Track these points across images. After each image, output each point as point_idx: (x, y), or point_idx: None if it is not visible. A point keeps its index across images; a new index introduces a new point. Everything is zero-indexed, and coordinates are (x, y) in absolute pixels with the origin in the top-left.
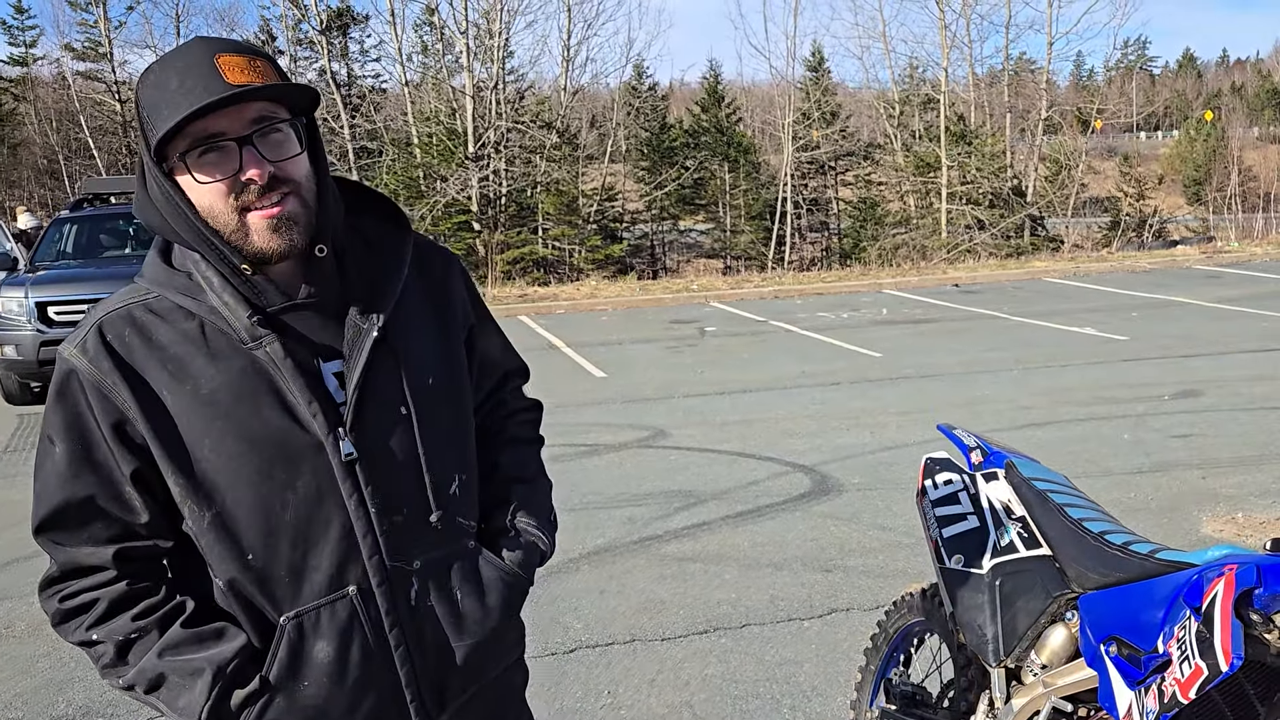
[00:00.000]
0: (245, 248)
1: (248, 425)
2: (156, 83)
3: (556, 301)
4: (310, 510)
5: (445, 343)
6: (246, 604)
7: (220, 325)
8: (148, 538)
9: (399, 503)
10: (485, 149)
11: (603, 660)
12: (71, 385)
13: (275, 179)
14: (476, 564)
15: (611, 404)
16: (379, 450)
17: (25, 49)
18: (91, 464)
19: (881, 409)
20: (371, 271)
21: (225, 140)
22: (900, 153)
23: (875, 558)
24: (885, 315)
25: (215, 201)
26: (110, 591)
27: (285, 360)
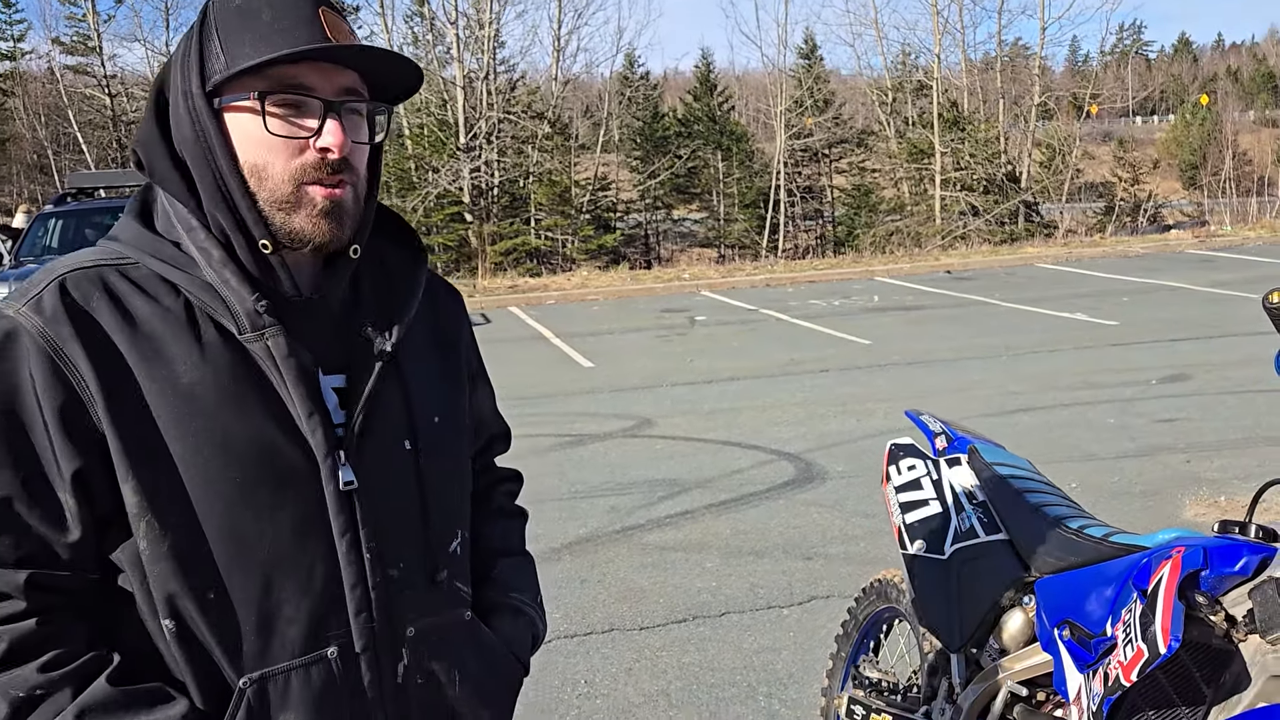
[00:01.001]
0: (283, 223)
1: (232, 430)
2: (243, 8)
3: (547, 292)
4: (293, 545)
5: (451, 386)
6: (197, 654)
7: (212, 307)
8: (71, 564)
9: (396, 553)
10: (477, 140)
11: (581, 650)
12: (12, 351)
13: (345, 161)
14: (476, 642)
15: (598, 394)
16: (380, 485)
17: (13, 43)
18: (19, 455)
19: (869, 396)
20: (385, 291)
21: (311, 97)
22: (893, 140)
23: (857, 545)
24: (877, 302)
25: (273, 159)
26: (13, 630)
27: (288, 360)
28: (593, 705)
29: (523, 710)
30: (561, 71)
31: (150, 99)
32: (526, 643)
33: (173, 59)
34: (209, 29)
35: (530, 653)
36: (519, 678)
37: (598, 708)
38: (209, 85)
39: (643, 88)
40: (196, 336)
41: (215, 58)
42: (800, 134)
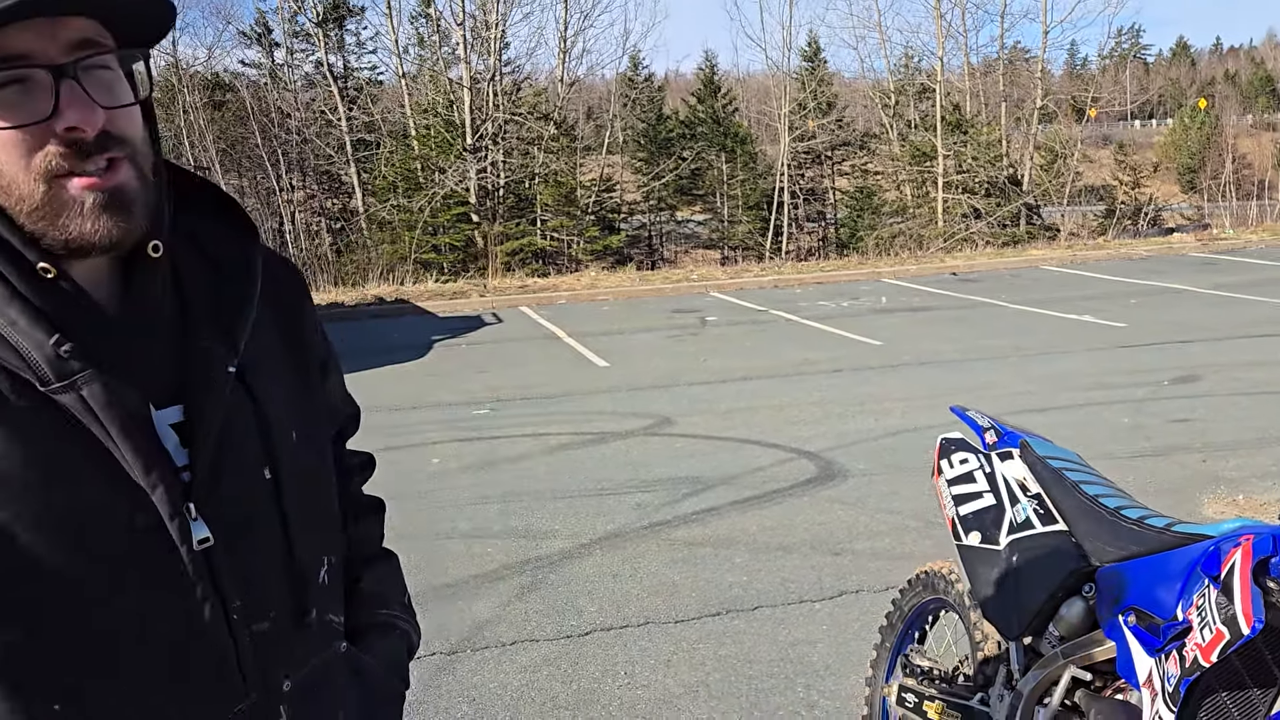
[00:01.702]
0: (51, 233)
1: (53, 511)
2: None
3: (557, 292)
4: (147, 629)
5: (304, 388)
6: None
7: (5, 360)
8: None
9: (264, 603)
10: (483, 141)
11: (618, 641)
12: None
13: (107, 134)
14: (354, 672)
15: (616, 392)
16: (240, 532)
17: None
18: None
19: (884, 395)
20: (214, 289)
21: (32, 66)
22: (896, 142)
23: (883, 540)
24: (884, 304)
25: (10, 160)
26: None
27: (109, 409)
28: (635, 695)
29: (567, 698)
30: (567, 73)
31: None
32: (403, 659)
33: None
34: None
35: (407, 665)
36: (401, 695)
37: (640, 697)
38: None
39: (647, 89)
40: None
41: None
42: (803, 136)
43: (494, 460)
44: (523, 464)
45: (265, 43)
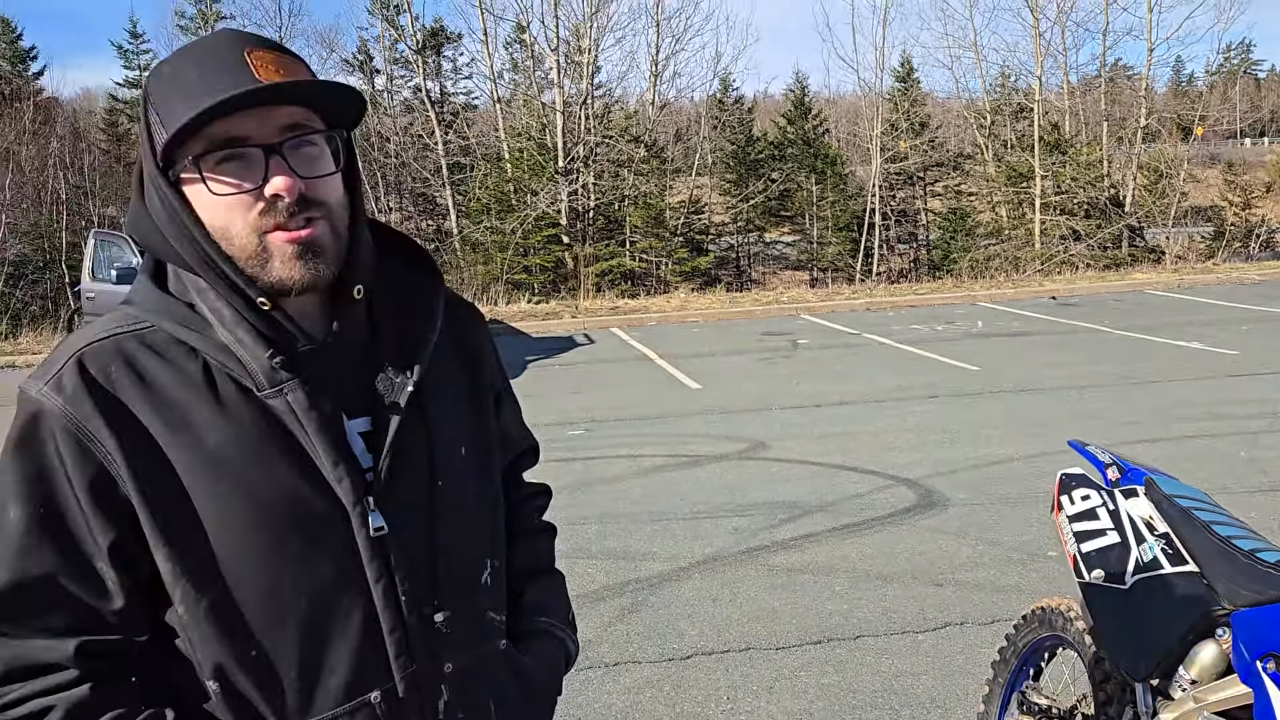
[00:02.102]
0: (262, 277)
1: (261, 489)
2: (172, 75)
3: (647, 314)
4: (329, 596)
5: (476, 412)
6: (243, 711)
7: (229, 367)
8: (118, 629)
9: (430, 592)
10: (574, 163)
11: (720, 666)
12: (39, 432)
13: (305, 198)
14: (512, 671)
15: (709, 415)
16: (410, 527)
17: (139, 72)
18: (57, 533)
19: (983, 423)
20: (403, 322)
21: (250, 147)
22: (991, 163)
23: (987, 572)
24: (980, 328)
25: (232, 219)
26: (70, 697)
27: (309, 412)
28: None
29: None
30: (658, 96)
31: (134, 181)
32: (560, 666)
33: None
34: (150, 102)
35: (563, 674)
36: (554, 701)
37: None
38: (160, 161)
39: (736, 111)
40: (217, 398)
41: (159, 129)
42: (895, 157)
43: (590, 481)
44: (618, 485)
45: (366, 70)
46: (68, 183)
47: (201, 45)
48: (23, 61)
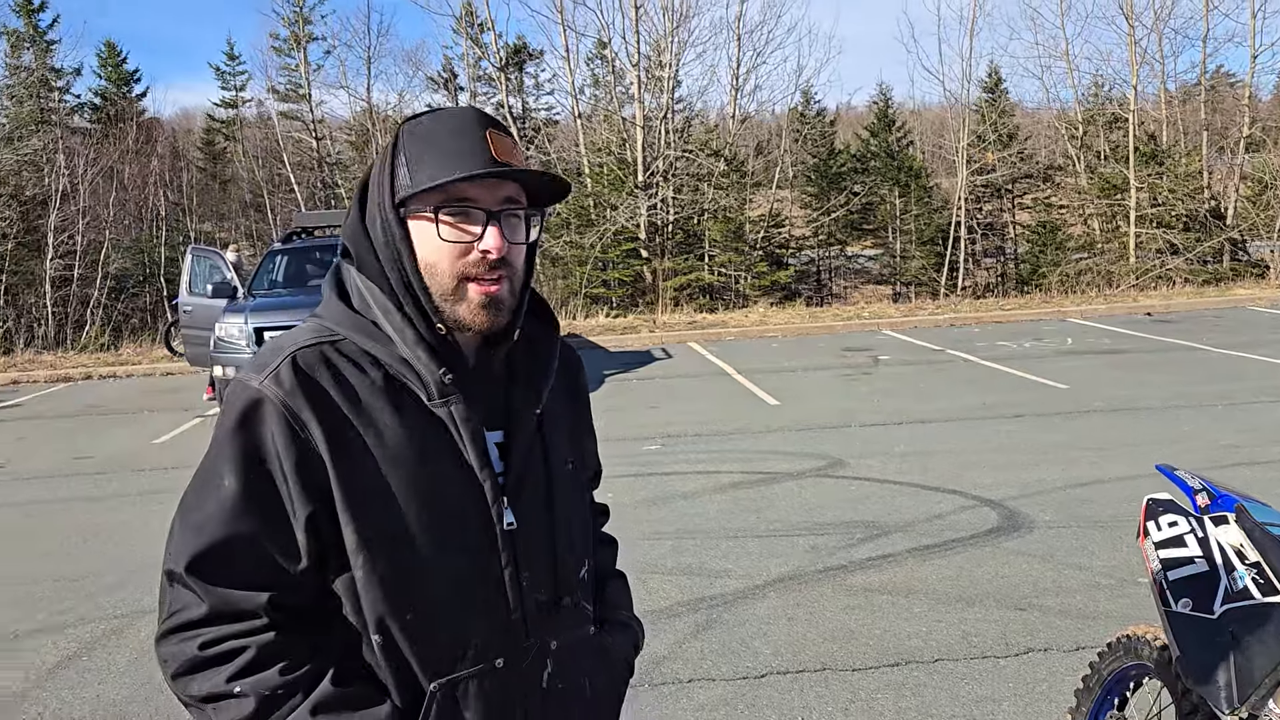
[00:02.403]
0: (449, 312)
1: (427, 482)
2: (426, 135)
3: (726, 328)
4: (471, 575)
5: (578, 438)
6: (397, 663)
7: (407, 378)
8: (300, 589)
9: (543, 580)
10: (654, 177)
11: (795, 686)
12: (258, 416)
13: (503, 260)
14: (599, 652)
15: (787, 432)
16: (531, 525)
17: (235, 92)
18: (265, 501)
19: (1071, 443)
20: (531, 361)
21: (475, 208)
22: (1083, 174)
23: (1073, 598)
24: (1070, 345)
25: (443, 260)
26: (260, 640)
27: (466, 423)
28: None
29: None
30: (738, 109)
31: (355, 197)
32: (632, 651)
33: (372, 170)
34: (399, 151)
35: (634, 658)
36: (628, 680)
37: None
38: (397, 199)
39: (818, 124)
40: (396, 402)
41: (402, 177)
42: (982, 169)
43: (666, 496)
44: (694, 501)
45: (451, 87)
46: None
47: (451, 115)
48: (127, 84)
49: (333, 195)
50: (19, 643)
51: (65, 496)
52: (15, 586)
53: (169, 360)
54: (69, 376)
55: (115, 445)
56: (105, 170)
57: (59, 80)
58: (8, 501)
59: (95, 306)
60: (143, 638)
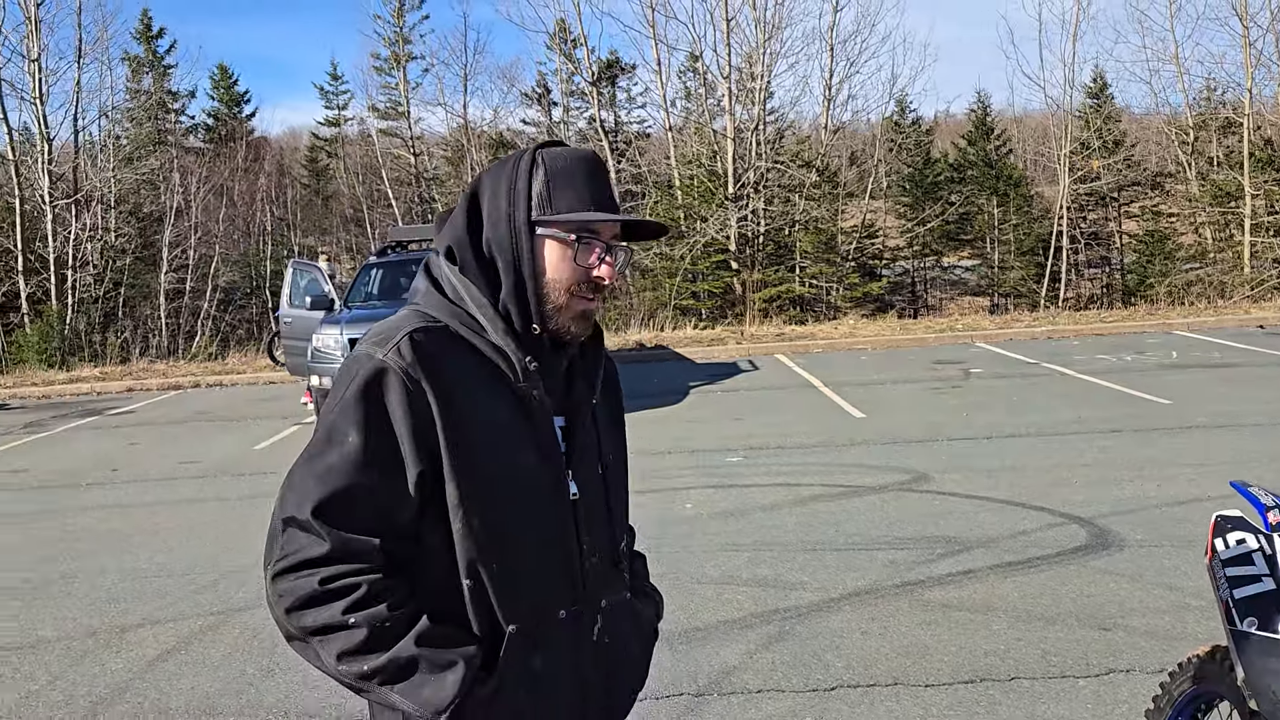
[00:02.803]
0: (552, 317)
1: (516, 453)
2: (567, 169)
3: (814, 340)
4: (545, 535)
5: (618, 431)
6: (482, 606)
7: (497, 362)
8: (405, 538)
9: (599, 545)
10: (744, 189)
11: (865, 700)
12: (382, 384)
13: (604, 284)
14: (636, 615)
15: (871, 445)
16: (587, 497)
17: (338, 111)
18: (385, 458)
19: (1170, 460)
20: (585, 361)
21: (598, 241)
22: (1194, 181)
23: (1161, 619)
24: (1175, 359)
25: (565, 276)
26: (371, 578)
27: (543, 405)
28: None
29: None
30: (831, 120)
31: (463, 205)
32: (655, 620)
33: (493, 183)
34: (538, 176)
35: (657, 624)
36: (653, 644)
37: None
38: (534, 217)
39: (914, 133)
40: (488, 382)
41: (542, 200)
42: (1086, 177)
43: (745, 508)
44: (774, 513)
45: (544, 102)
46: (272, 215)
47: (586, 158)
48: (238, 105)
49: (429, 210)
50: (125, 635)
51: (172, 499)
52: (124, 583)
53: (271, 370)
54: (179, 385)
55: (220, 450)
56: (216, 187)
57: (175, 102)
58: (119, 503)
59: (205, 318)
60: (236, 634)
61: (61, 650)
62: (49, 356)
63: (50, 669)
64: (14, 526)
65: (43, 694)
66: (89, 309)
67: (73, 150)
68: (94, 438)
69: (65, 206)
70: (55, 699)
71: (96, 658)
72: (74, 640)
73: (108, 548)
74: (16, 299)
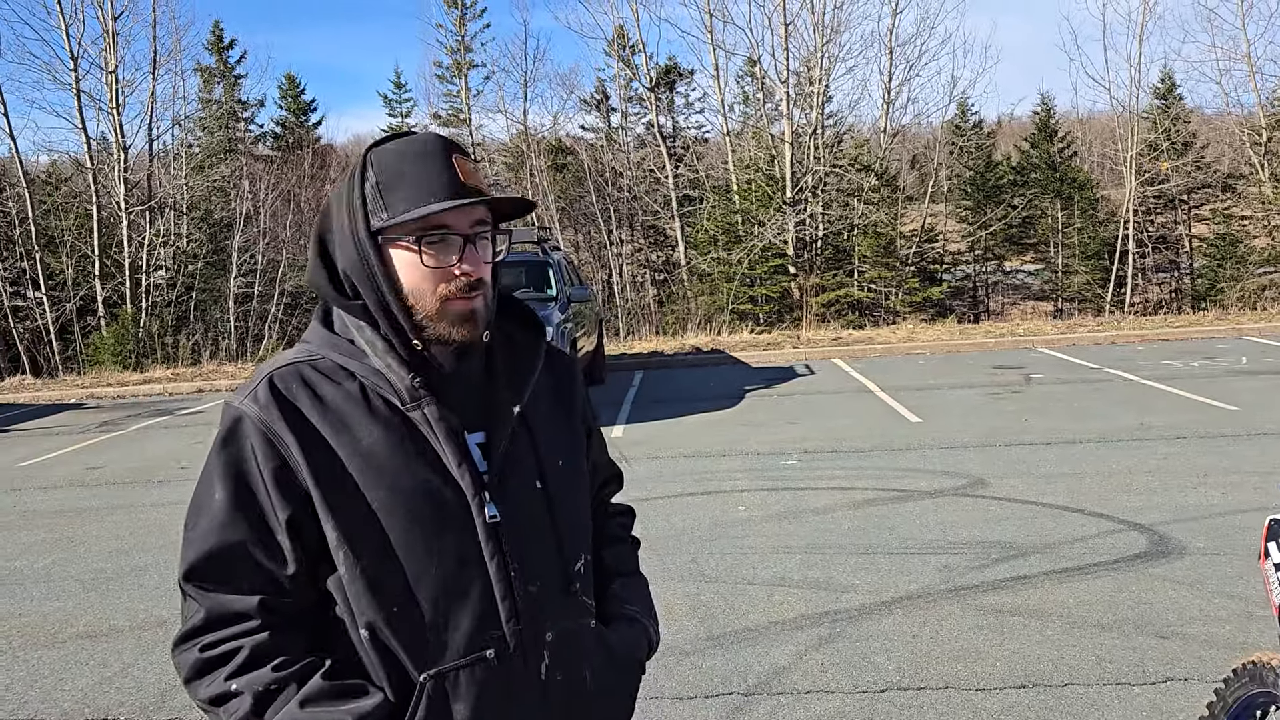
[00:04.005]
0: (430, 329)
1: (402, 479)
2: (394, 164)
3: (871, 345)
4: (455, 567)
5: (571, 436)
6: (386, 656)
7: (380, 387)
8: (290, 591)
9: (535, 571)
10: (803, 193)
11: (914, 703)
12: (238, 432)
13: (479, 279)
14: (602, 646)
15: (927, 450)
16: (518, 518)
17: (401, 119)
18: (248, 509)
19: (1235, 468)
20: (512, 363)
21: (452, 234)
22: (1268, 183)
23: (1221, 627)
24: (1245, 364)
25: (424, 284)
26: (253, 641)
27: (439, 423)
28: None
29: None
30: (890, 123)
31: (313, 244)
32: (642, 647)
33: (336, 202)
34: (368, 181)
35: (646, 657)
36: (638, 678)
37: None
38: (373, 228)
39: (975, 136)
40: (370, 409)
41: (376, 206)
42: (1154, 179)
43: (798, 511)
44: (827, 517)
45: (603, 108)
46: None
47: (418, 140)
48: (305, 113)
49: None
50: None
51: None
52: None
53: None
54: None
55: None
56: (284, 194)
57: (245, 111)
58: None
59: (272, 322)
60: None
61: (133, 640)
62: (123, 358)
63: (123, 657)
64: (90, 520)
65: (115, 680)
66: (161, 312)
67: (147, 158)
68: (164, 436)
69: (140, 213)
70: (127, 685)
71: (166, 648)
72: (145, 630)
73: (177, 542)
74: (93, 303)
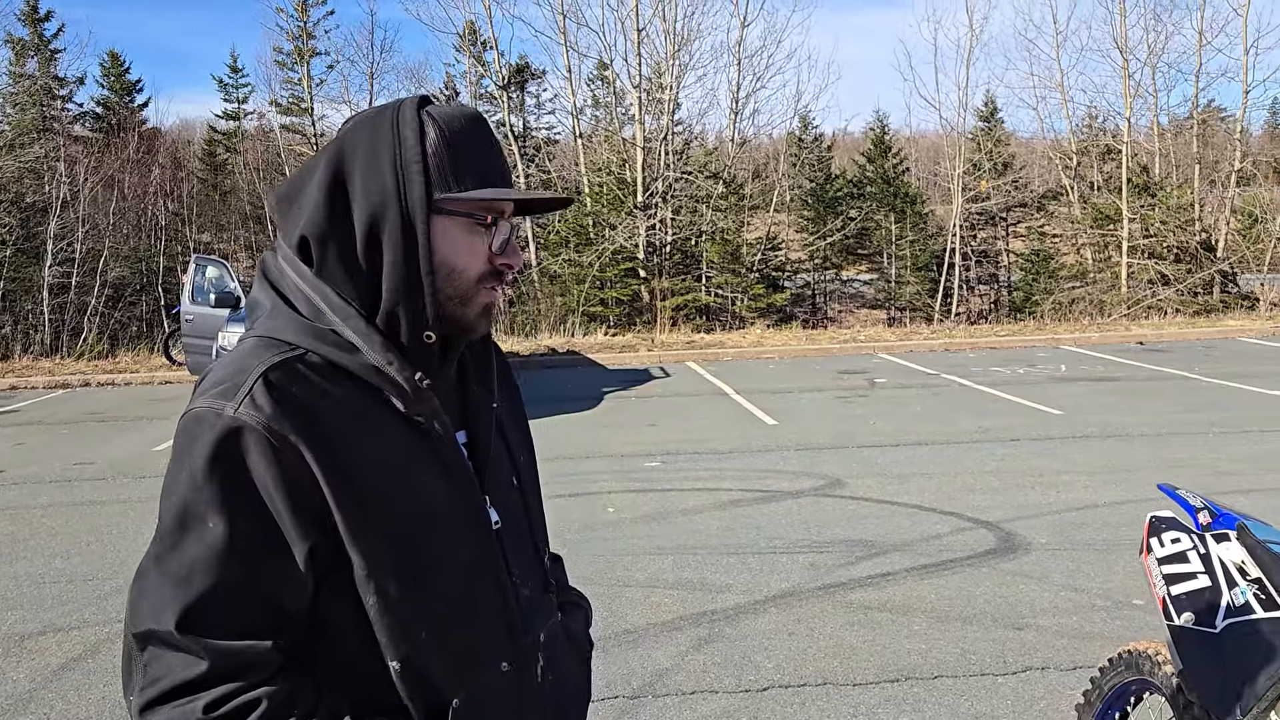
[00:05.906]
0: (456, 314)
1: (418, 492)
2: (464, 130)
3: (724, 349)
4: (474, 582)
5: (525, 429)
6: (418, 685)
7: (379, 386)
8: (298, 628)
9: (525, 575)
10: (653, 198)
11: (796, 700)
12: (236, 447)
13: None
14: (569, 637)
15: (785, 451)
16: (509, 520)
17: (238, 105)
18: (261, 541)
19: (1066, 468)
20: (475, 359)
21: (503, 221)
22: (1077, 204)
23: (1069, 618)
24: (1064, 372)
25: (473, 263)
26: (272, 690)
27: (446, 426)
28: None
29: None
30: (738, 133)
31: (322, 184)
32: (586, 629)
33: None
34: (428, 140)
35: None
36: (589, 655)
37: None
38: (435, 197)
39: (815, 149)
40: (379, 416)
41: (443, 173)
42: (977, 197)
43: (667, 512)
44: (695, 517)
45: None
46: (166, 210)
47: (469, 113)
48: (129, 94)
49: None
50: (25, 644)
51: (68, 501)
52: (21, 589)
53: (167, 369)
54: (67, 383)
55: (116, 451)
56: (106, 179)
57: (62, 89)
58: (9, 506)
59: (92, 314)
60: None
61: None
62: None
63: None
64: None
65: None
66: None
67: None
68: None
69: None
70: None
71: None
72: None
73: (0, 553)
74: None
